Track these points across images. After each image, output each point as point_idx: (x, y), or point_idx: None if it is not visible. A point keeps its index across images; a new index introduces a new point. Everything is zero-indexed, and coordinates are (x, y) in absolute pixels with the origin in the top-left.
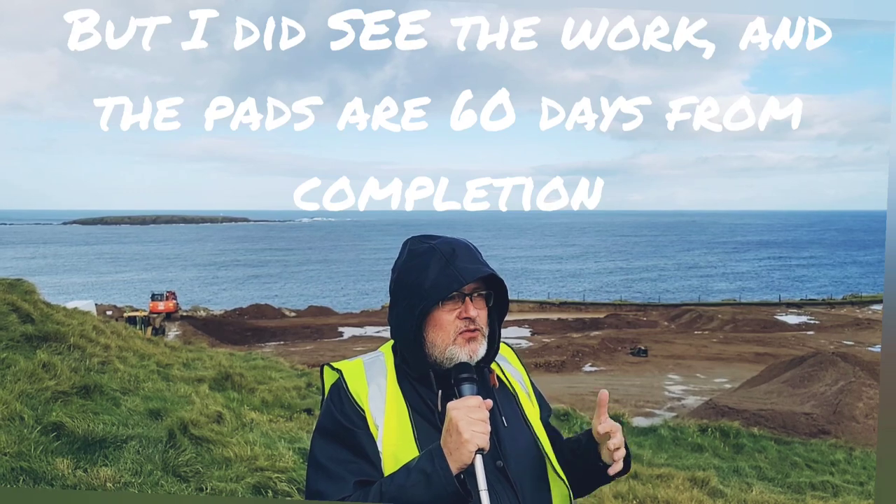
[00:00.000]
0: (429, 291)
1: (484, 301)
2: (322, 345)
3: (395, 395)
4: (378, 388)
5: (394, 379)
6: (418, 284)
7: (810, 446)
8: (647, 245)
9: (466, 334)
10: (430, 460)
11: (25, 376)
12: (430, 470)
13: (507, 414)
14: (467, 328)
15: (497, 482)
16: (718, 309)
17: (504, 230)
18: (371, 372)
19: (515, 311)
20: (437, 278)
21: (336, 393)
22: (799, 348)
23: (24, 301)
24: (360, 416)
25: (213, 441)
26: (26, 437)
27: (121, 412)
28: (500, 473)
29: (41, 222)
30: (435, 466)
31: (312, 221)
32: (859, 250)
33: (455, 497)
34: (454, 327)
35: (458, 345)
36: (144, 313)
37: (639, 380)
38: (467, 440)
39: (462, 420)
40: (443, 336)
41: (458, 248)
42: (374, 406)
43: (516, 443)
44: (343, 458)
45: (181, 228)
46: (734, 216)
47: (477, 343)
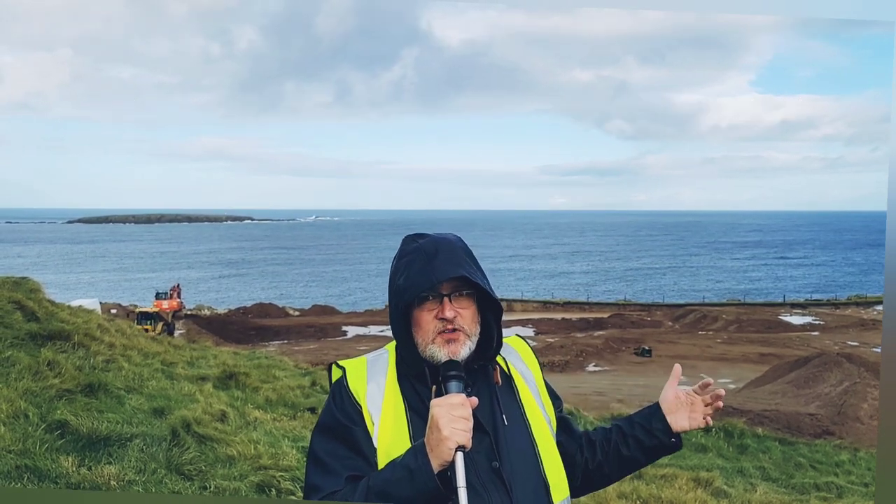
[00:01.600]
0: (403, 291)
1: (470, 300)
2: (326, 344)
3: (392, 393)
4: (377, 385)
5: (394, 376)
6: (399, 283)
7: (815, 447)
8: (651, 245)
9: (445, 335)
10: (414, 457)
11: (30, 374)
12: (413, 466)
13: (508, 413)
14: (445, 329)
15: (490, 482)
16: (723, 309)
17: (504, 229)
18: (373, 370)
19: (519, 311)
20: (413, 277)
21: (337, 390)
22: (803, 349)
23: (29, 299)
24: (357, 412)
25: (216, 439)
26: (31, 435)
27: (125, 410)
28: (495, 474)
29: (46, 220)
30: (418, 463)
31: (316, 220)
32: (864, 250)
33: (435, 493)
34: (432, 327)
35: (438, 345)
36: (157, 309)
37: (643, 380)
38: (446, 437)
39: (443, 417)
40: (423, 335)
41: (442, 247)
42: (371, 403)
43: (516, 443)
44: (339, 454)
45: (185, 227)
46: (738, 216)
47: (458, 344)
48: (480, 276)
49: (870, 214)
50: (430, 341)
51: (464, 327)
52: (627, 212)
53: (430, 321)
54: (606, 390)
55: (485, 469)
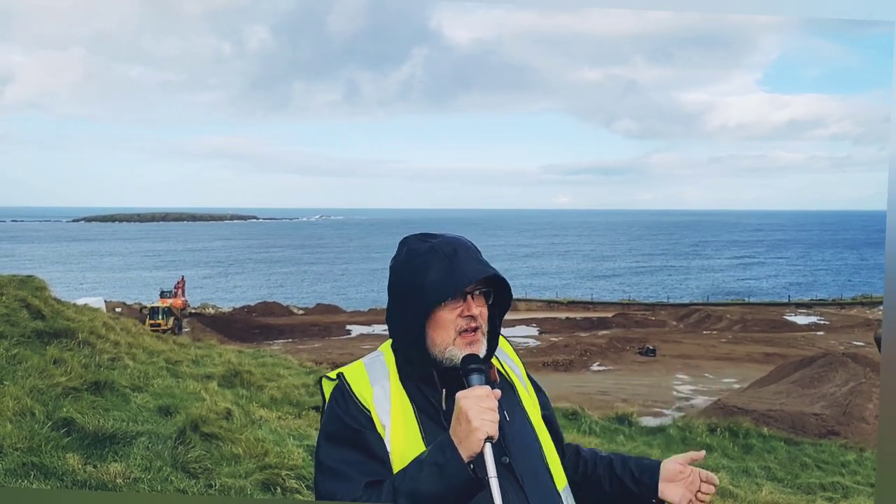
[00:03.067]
0: (430, 292)
1: (483, 299)
2: (330, 342)
3: (399, 396)
4: (382, 389)
5: (397, 379)
6: (419, 284)
7: (820, 447)
8: (655, 243)
9: (467, 336)
10: (441, 451)
11: (36, 372)
12: (441, 461)
13: (509, 409)
14: (469, 326)
15: (503, 478)
16: (727, 309)
17: (508, 228)
18: (373, 373)
19: (523, 310)
20: (439, 278)
21: (340, 396)
22: (808, 349)
23: (35, 297)
24: (366, 416)
25: (222, 438)
26: (37, 433)
27: (131, 408)
28: (506, 469)
29: (51, 219)
30: (446, 456)
31: (321, 219)
32: (870, 250)
33: (468, 485)
34: (455, 326)
35: (458, 346)
36: (167, 304)
37: (647, 379)
38: (476, 428)
39: (472, 409)
40: (443, 335)
41: (459, 248)
42: (379, 407)
43: (521, 438)
44: (353, 460)
45: (190, 226)
46: (743, 215)
47: (478, 344)
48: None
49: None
50: (451, 342)
51: (482, 325)
52: (632, 210)
53: (453, 320)
54: (610, 390)
55: (496, 465)
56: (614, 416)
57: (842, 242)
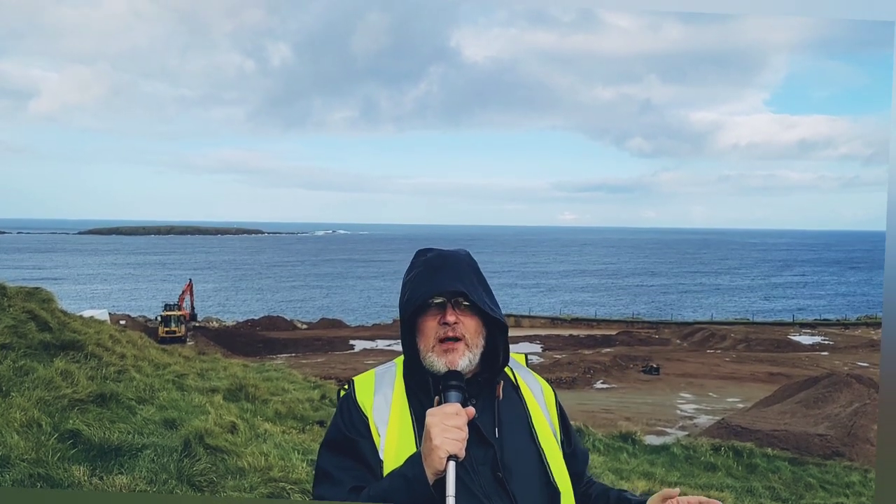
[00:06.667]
0: (409, 300)
1: (473, 313)
2: (333, 357)
3: (400, 404)
4: (384, 397)
5: (401, 388)
6: (407, 294)
7: (825, 468)
8: (659, 262)
9: (444, 344)
10: (411, 466)
11: (43, 384)
12: (409, 475)
13: (510, 423)
14: (446, 334)
15: (495, 493)
16: (731, 328)
17: (513, 244)
18: (380, 382)
19: (527, 327)
20: (418, 288)
21: (345, 404)
22: (813, 369)
23: (43, 309)
24: (364, 424)
25: (227, 451)
26: (44, 444)
27: (136, 421)
28: (499, 485)
29: (57, 231)
30: (413, 471)
31: (326, 234)
32: (876, 270)
33: (430, 501)
34: (434, 332)
35: (436, 353)
36: (179, 312)
37: (650, 398)
38: (437, 446)
39: (435, 426)
40: (425, 343)
41: (448, 261)
42: (377, 415)
43: (520, 454)
44: (345, 466)
45: (195, 240)
46: (749, 234)
47: (456, 354)
48: (482, 291)
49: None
50: (430, 349)
51: (465, 336)
52: (637, 229)
53: (433, 327)
54: (614, 408)
55: (489, 479)
56: (618, 434)
57: (847, 262)
